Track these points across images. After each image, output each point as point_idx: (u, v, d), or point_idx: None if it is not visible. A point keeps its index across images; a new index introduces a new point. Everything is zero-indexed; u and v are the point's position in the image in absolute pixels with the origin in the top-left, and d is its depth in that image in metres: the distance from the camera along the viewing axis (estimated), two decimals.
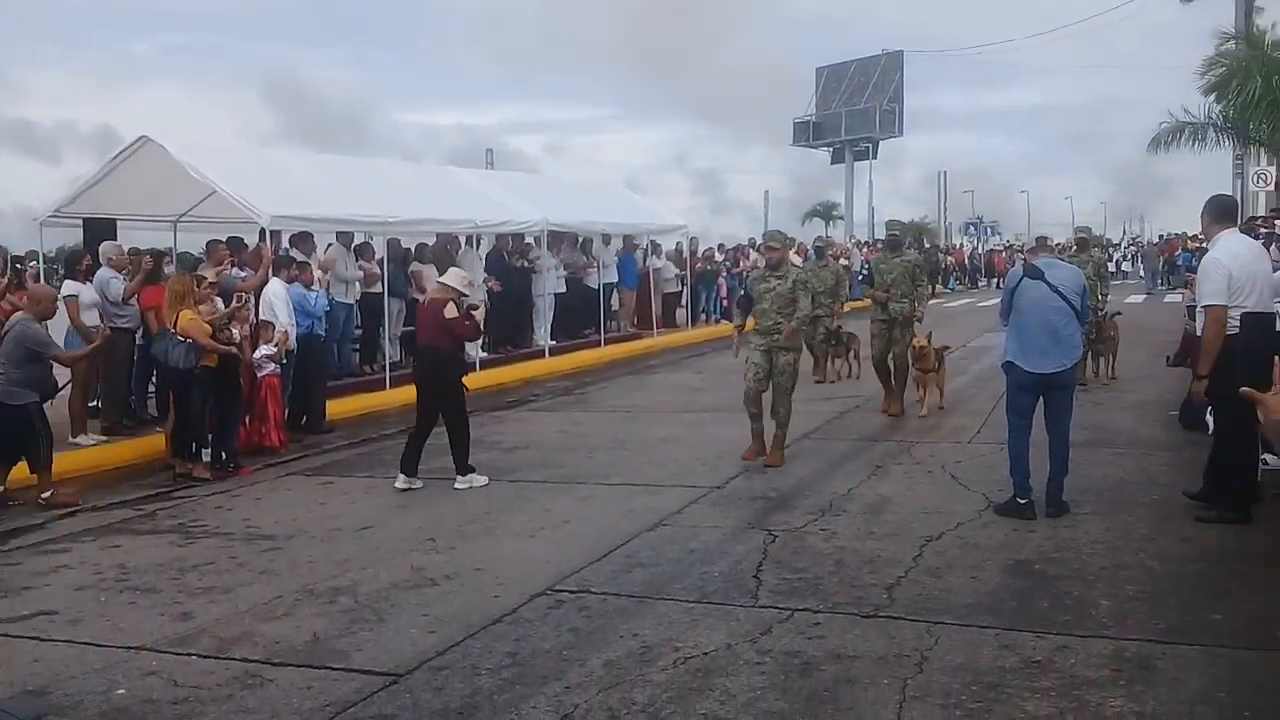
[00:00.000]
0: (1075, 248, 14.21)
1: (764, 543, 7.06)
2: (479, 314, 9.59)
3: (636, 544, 7.15)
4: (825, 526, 7.42)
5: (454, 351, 9.22)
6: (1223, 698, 4.52)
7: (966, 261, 46.45)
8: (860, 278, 13.38)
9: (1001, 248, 51.31)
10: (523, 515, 8.08)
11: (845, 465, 9.44)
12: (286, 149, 28.43)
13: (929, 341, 11.77)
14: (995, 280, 44.84)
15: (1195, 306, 7.55)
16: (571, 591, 6.22)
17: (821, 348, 14.89)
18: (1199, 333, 7.15)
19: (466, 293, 9.38)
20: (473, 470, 9.12)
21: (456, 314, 9.05)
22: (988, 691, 4.65)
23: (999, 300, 8.00)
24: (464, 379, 9.32)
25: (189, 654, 5.43)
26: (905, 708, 4.52)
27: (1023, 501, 7.48)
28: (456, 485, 8.99)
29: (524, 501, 8.53)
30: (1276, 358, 6.75)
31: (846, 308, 16.31)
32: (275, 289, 11.57)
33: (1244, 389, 2.92)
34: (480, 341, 14.64)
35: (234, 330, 10.30)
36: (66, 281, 11.51)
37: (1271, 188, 22.27)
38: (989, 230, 60.98)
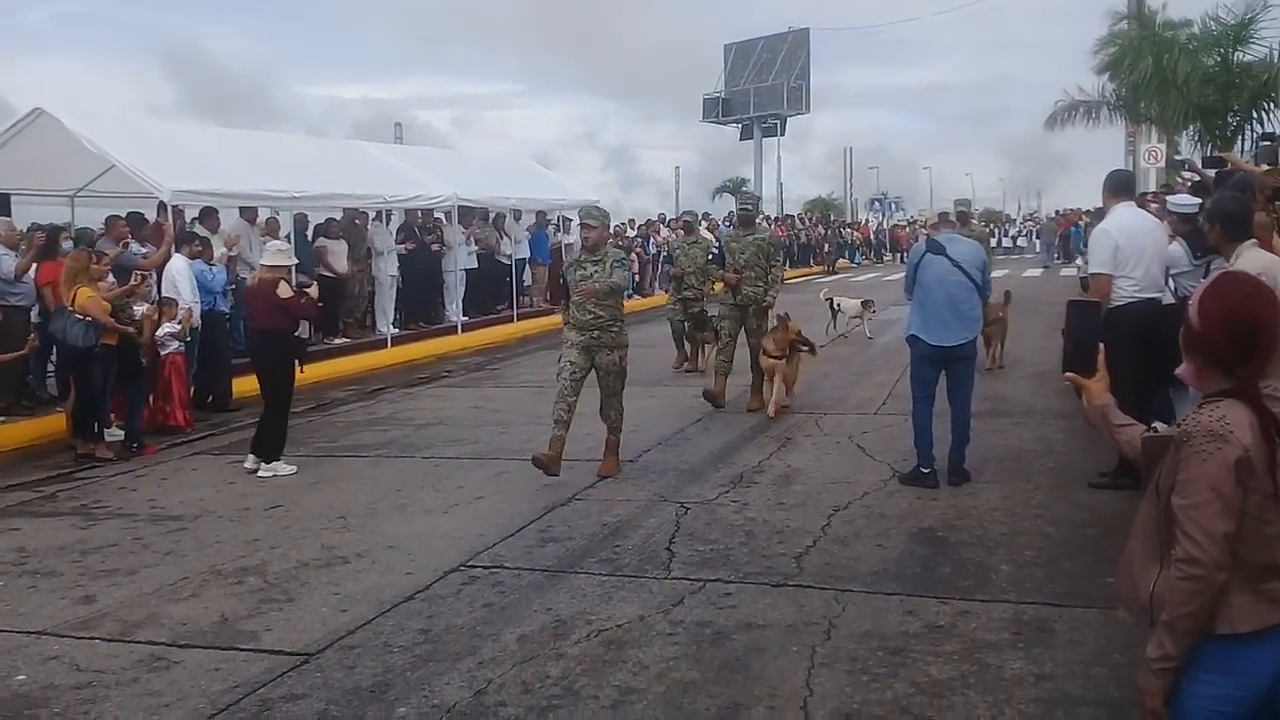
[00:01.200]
0: (955, 223, 13.71)
1: (676, 515, 7.13)
2: (313, 292, 9.32)
3: (550, 519, 7.17)
4: (736, 498, 7.53)
5: (289, 333, 9.00)
6: (1117, 659, 4.70)
7: (872, 237, 47.18)
8: (710, 257, 12.57)
9: (905, 223, 52.22)
10: (436, 492, 8.05)
11: (755, 438, 9.56)
12: (188, 122, 27.61)
13: (788, 329, 10.36)
14: (900, 255, 45.67)
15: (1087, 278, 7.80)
16: (485, 567, 6.23)
17: (692, 334, 13.80)
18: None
19: (288, 263, 9.11)
20: (278, 460, 8.80)
21: (290, 293, 8.76)
22: (893, 656, 4.78)
23: (904, 275, 8.16)
24: (299, 363, 9.07)
25: (92, 638, 5.32)
26: (814, 674, 4.62)
27: (925, 471, 7.66)
28: (260, 473, 8.68)
29: (437, 478, 8.49)
30: (1103, 345, 6.99)
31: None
32: (178, 265, 11.29)
33: (1068, 374, 3.06)
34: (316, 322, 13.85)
35: (135, 308, 10.04)
36: None
37: (1162, 164, 22.96)
38: (893, 206, 62.05)
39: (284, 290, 8.72)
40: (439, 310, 18.90)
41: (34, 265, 11.11)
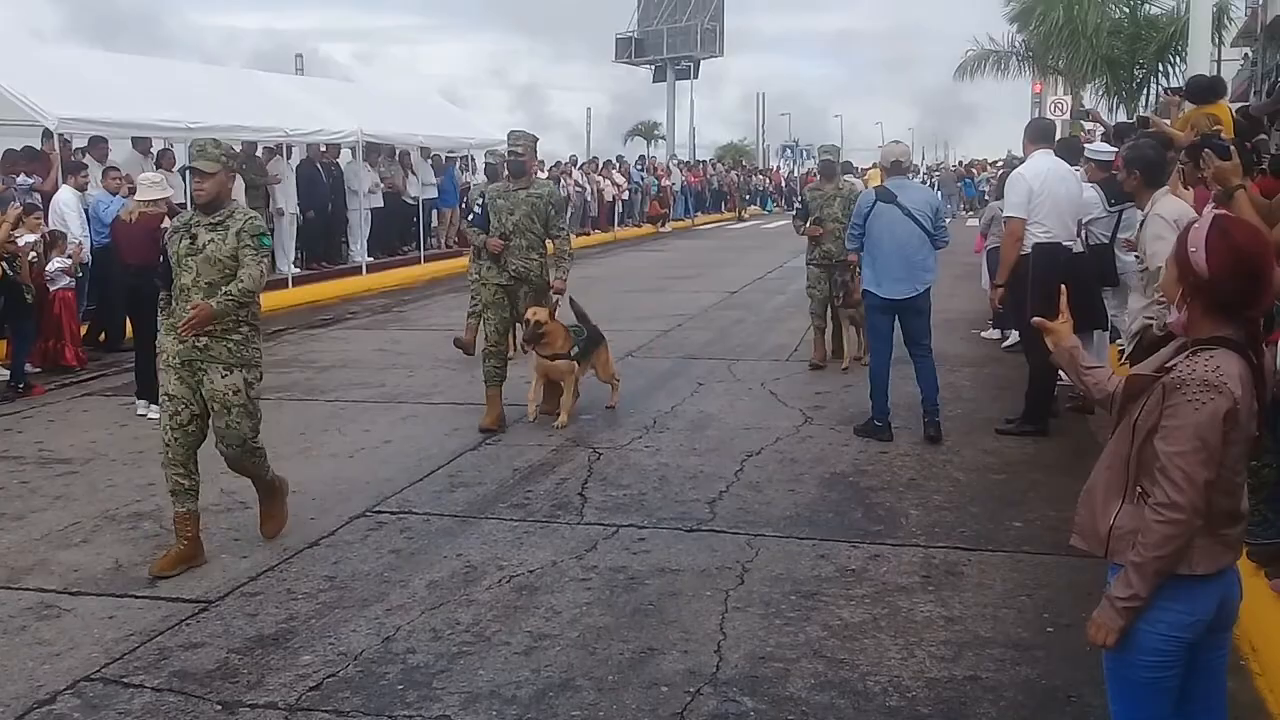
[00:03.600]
0: (819, 175, 10.86)
1: (589, 460, 7.06)
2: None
3: (460, 463, 7.04)
4: (649, 444, 7.48)
5: (149, 270, 8.63)
6: (1024, 601, 4.78)
7: (783, 183, 47.37)
8: (470, 218, 10.17)
9: (815, 171, 52.50)
10: (341, 436, 7.85)
11: (668, 383, 9.52)
12: (73, 48, 26.40)
13: (549, 316, 7.92)
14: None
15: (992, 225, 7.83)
16: (393, 512, 6.09)
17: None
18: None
19: (164, 194, 8.74)
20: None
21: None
22: (806, 600, 4.79)
23: (849, 226, 7.79)
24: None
25: None
26: (727, 618, 4.61)
27: (880, 424, 7.43)
28: (150, 415, 8.23)
29: (342, 421, 8.28)
30: (1064, 287, 7.10)
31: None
32: (65, 198, 10.79)
33: (1035, 319, 3.09)
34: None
35: (20, 240, 9.55)
36: None
37: (1068, 116, 23.38)
38: (804, 153, 62.28)
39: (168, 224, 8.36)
40: (342, 250, 18.44)
41: None
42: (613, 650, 4.33)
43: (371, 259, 18.28)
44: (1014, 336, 10.82)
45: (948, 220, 8.63)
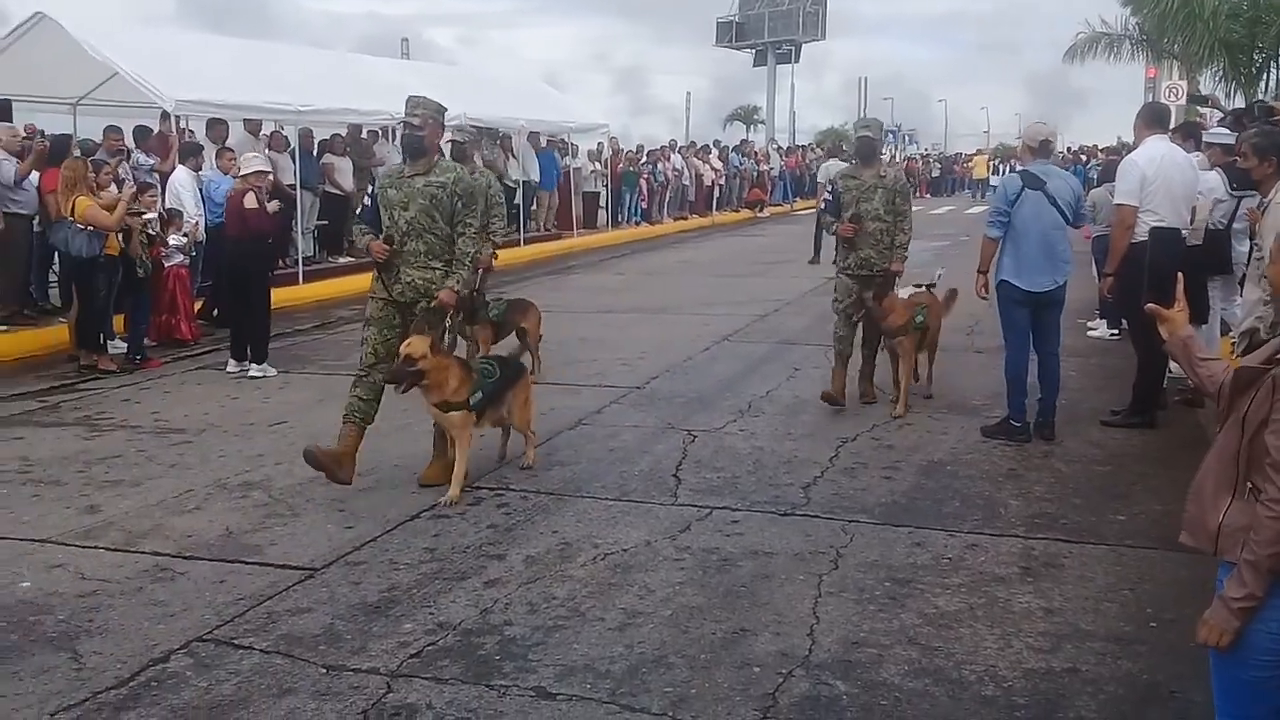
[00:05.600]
0: (856, 160, 8.32)
1: (683, 442, 7.09)
2: (271, 207, 9.32)
3: (556, 442, 7.13)
4: (744, 427, 7.48)
5: (254, 243, 9.22)
6: (1126, 595, 4.68)
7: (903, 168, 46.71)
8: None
9: (918, 156, 51.70)
10: None
11: (763, 367, 9.49)
12: (186, 32, 27.24)
13: (430, 348, 5.90)
14: (914, 190, 45.23)
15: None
16: (491, 488, 6.19)
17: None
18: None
19: (261, 169, 9.28)
20: (265, 360, 9.39)
21: (255, 205, 9.04)
22: (900, 587, 4.76)
23: (990, 209, 7.33)
24: (269, 273, 9.54)
25: (96, 547, 5.29)
26: (820, 603, 4.60)
27: (1017, 424, 7.06)
28: (251, 373, 9.25)
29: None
30: (1180, 274, 6.90)
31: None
32: (182, 178, 11.14)
33: (1150, 305, 3.01)
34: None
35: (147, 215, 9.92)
36: None
37: (1183, 102, 22.62)
38: (906, 139, 61.35)
39: (250, 201, 9.02)
40: None
41: (35, 172, 10.94)
42: (705, 630, 4.35)
43: None
44: (1102, 328, 10.59)
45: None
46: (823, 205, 8.40)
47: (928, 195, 44.08)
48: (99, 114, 14.86)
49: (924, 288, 9.32)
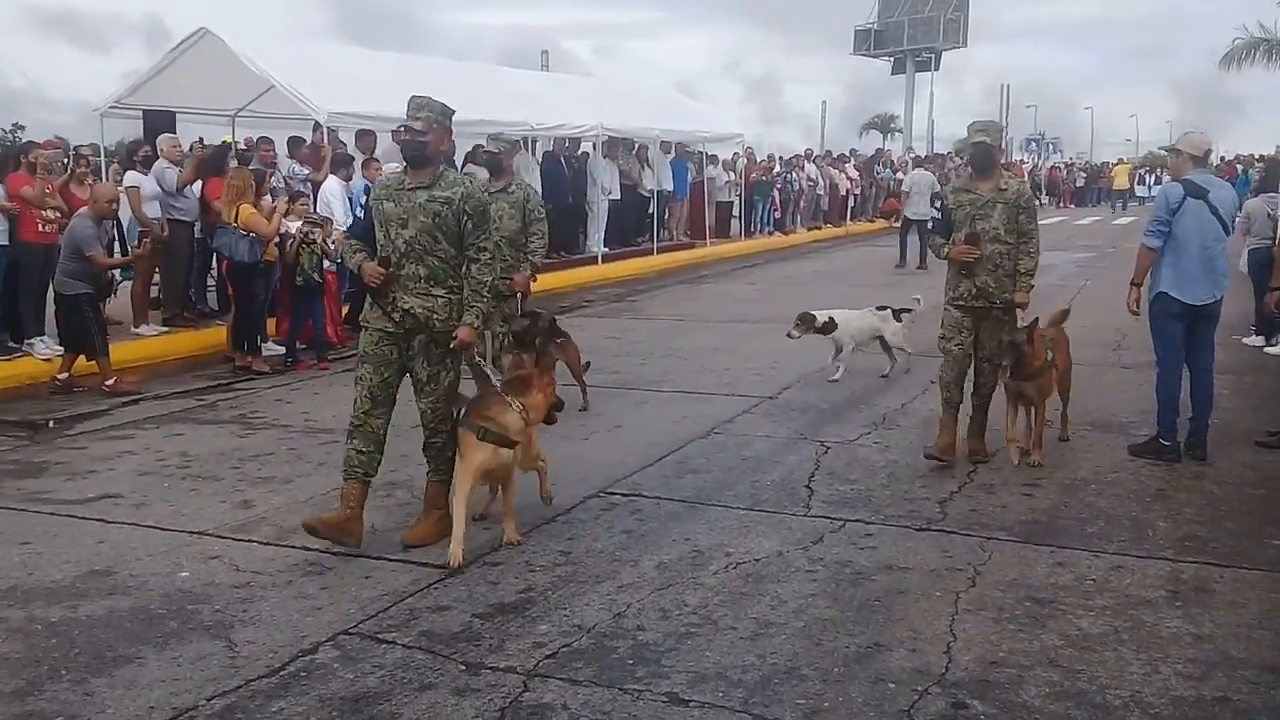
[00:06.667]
0: (971, 171, 7.14)
1: (816, 454, 7.05)
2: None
3: (689, 450, 7.17)
4: (878, 440, 7.40)
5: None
6: None
7: (1026, 178, 45.52)
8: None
9: (1062, 165, 50.22)
10: (576, 419, 8.10)
11: (899, 380, 9.36)
12: (340, 45, 28.27)
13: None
14: (1056, 199, 44.04)
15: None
16: (624, 494, 6.26)
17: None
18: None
19: None
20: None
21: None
22: (1041, 608, 4.65)
23: (1152, 219, 6.89)
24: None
25: (250, 540, 5.54)
26: (957, 620, 4.53)
27: (1166, 443, 6.81)
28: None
29: (577, 405, 8.55)
30: None
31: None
32: (333, 187, 11.56)
33: None
34: None
35: (288, 225, 10.33)
36: (128, 173, 11.60)
37: None
38: (1050, 147, 59.62)
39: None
40: (580, 240, 18.99)
41: (198, 180, 11.51)
42: (838, 643, 4.33)
43: (607, 249, 18.76)
44: (1259, 342, 10.13)
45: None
46: (930, 224, 7.40)
47: (1072, 205, 42.79)
48: (256, 125, 15.60)
49: (888, 310, 9.32)
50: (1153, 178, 41.70)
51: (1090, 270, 18.17)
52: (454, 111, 5.58)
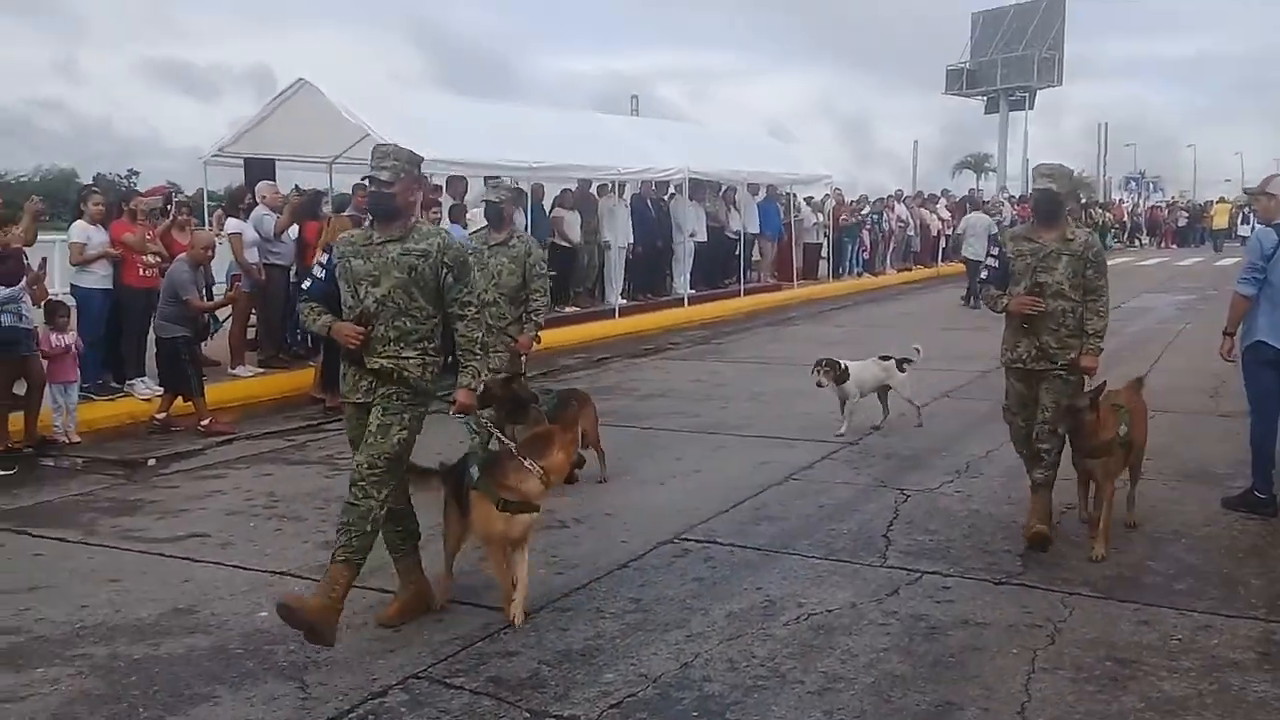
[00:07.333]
0: (1032, 214, 6.53)
1: (895, 502, 6.95)
2: None
3: (766, 497, 7.13)
4: (960, 489, 7.27)
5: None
6: None
7: (1126, 218, 44.55)
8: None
9: (1163, 204, 49.03)
10: (654, 463, 8.13)
11: (985, 426, 9.16)
12: (434, 93, 29.03)
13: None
14: (1158, 239, 42.99)
15: None
16: (698, 541, 6.25)
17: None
18: None
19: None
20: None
21: None
22: (1122, 668, 4.51)
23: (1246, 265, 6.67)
24: None
25: None
26: (1034, 679, 4.41)
27: (1262, 496, 6.55)
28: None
29: (656, 449, 8.58)
30: None
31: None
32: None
33: None
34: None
35: None
36: (229, 220, 12.02)
37: None
38: (1151, 186, 58.29)
39: None
40: (666, 282, 19.09)
41: (295, 225, 11.86)
42: (909, 700, 4.25)
43: (693, 291, 18.82)
44: None
45: None
46: (983, 274, 6.56)
47: (1174, 245, 41.68)
48: (353, 172, 16.02)
49: (892, 361, 9.03)
50: (1255, 216, 40.41)
51: (1190, 313, 17.67)
52: (422, 159, 5.18)
